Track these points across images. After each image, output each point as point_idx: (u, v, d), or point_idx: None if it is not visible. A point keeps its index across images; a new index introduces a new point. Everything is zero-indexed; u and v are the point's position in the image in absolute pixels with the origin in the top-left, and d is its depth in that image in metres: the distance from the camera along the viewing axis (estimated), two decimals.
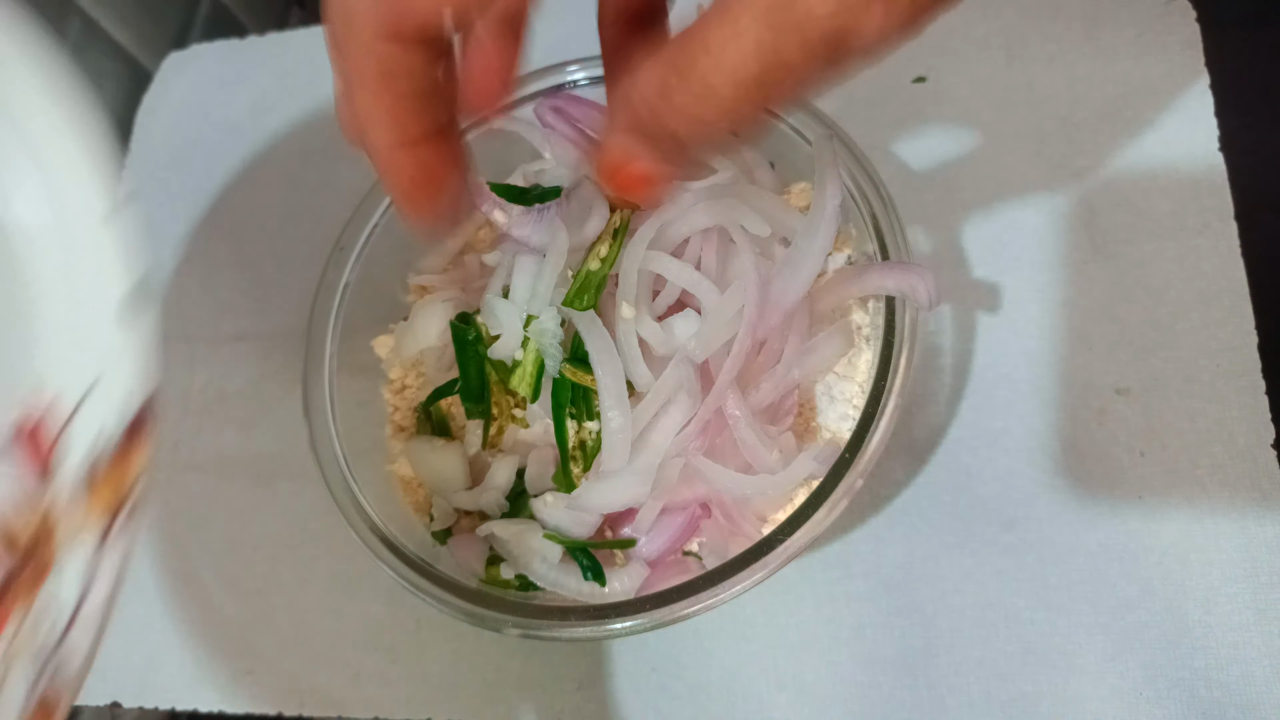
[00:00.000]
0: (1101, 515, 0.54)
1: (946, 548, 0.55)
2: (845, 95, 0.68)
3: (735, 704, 0.55)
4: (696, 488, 0.51)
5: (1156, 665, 0.50)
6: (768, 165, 0.58)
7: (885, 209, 0.52)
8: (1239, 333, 0.55)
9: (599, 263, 0.50)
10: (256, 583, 0.65)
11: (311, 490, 0.63)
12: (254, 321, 0.74)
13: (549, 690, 0.58)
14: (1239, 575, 0.51)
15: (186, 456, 0.71)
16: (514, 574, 0.54)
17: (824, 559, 0.57)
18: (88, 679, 0.65)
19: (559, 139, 0.58)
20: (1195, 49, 0.61)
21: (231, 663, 0.63)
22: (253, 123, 0.82)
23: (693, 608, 0.46)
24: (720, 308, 0.48)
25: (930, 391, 0.59)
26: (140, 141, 0.84)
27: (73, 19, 0.81)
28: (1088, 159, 0.61)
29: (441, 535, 0.57)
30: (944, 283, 0.60)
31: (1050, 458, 0.55)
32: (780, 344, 0.52)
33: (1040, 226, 0.60)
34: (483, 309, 0.54)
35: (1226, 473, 0.53)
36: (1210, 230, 0.57)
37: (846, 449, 0.47)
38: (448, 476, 0.56)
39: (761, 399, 0.51)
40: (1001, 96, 0.64)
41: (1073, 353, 0.57)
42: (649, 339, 0.49)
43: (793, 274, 0.49)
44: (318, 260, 0.60)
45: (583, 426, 0.51)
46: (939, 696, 0.52)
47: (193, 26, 0.93)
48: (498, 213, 0.55)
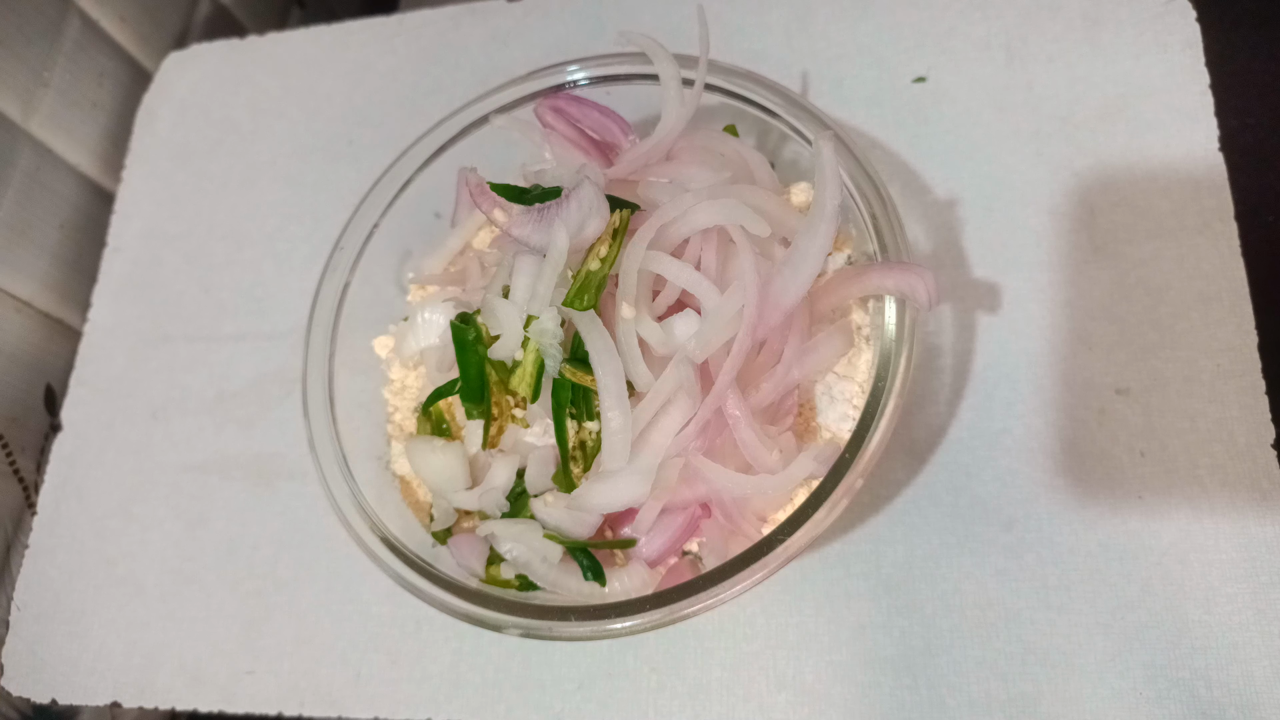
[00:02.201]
0: (1101, 515, 0.54)
1: (946, 548, 0.55)
2: (845, 95, 0.68)
3: (735, 704, 0.55)
4: (696, 488, 0.51)
5: (1156, 665, 0.50)
6: (768, 165, 0.58)
7: (885, 209, 0.52)
8: (1239, 333, 0.55)
9: (599, 263, 0.50)
10: (256, 583, 0.65)
11: (311, 490, 0.63)
12: (254, 321, 0.74)
13: (549, 690, 0.58)
14: (1239, 575, 0.51)
15: (186, 456, 0.71)
16: (514, 574, 0.54)
17: (824, 559, 0.57)
18: (88, 679, 0.66)
19: (559, 139, 0.58)
20: (1195, 49, 0.61)
21: (231, 663, 0.63)
22: (253, 123, 0.82)
23: (693, 608, 0.46)
24: (720, 308, 0.48)
25: (930, 391, 0.59)
26: (140, 141, 0.84)
27: (73, 19, 0.81)
28: (1088, 159, 0.61)
29: (441, 535, 0.57)
30: (944, 283, 0.60)
31: (1050, 458, 0.55)
32: (780, 344, 0.52)
33: (1040, 226, 0.60)
34: (483, 309, 0.54)
35: (1226, 473, 0.53)
36: (1210, 230, 0.57)
37: (846, 449, 0.47)
38: (448, 476, 0.56)
39: (761, 399, 0.51)
40: (1001, 96, 0.64)
41: (1073, 353, 0.57)
42: (649, 339, 0.49)
43: (793, 274, 0.49)
44: (318, 260, 0.60)
45: (583, 426, 0.51)
46: (939, 696, 0.52)
47: (193, 26, 0.93)
48: (498, 212, 0.55)
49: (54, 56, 0.79)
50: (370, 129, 0.78)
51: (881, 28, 0.69)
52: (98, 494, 0.71)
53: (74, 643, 0.67)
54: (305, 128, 0.80)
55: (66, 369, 0.77)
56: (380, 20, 0.83)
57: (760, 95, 0.56)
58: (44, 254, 0.79)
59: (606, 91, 0.60)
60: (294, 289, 0.74)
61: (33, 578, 0.70)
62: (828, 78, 0.69)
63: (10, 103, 0.75)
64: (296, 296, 0.73)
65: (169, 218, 0.80)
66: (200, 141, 0.83)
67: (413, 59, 0.80)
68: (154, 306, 0.77)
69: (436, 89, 0.78)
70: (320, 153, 0.79)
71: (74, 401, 0.75)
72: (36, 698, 0.66)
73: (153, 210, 0.81)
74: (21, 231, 0.76)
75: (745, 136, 0.61)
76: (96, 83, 0.84)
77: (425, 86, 0.78)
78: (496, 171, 0.56)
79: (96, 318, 0.78)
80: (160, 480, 0.70)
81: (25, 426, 0.76)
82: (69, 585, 0.69)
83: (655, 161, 0.56)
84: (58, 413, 0.76)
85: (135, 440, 0.72)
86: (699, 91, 0.55)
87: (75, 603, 0.68)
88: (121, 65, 0.86)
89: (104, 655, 0.66)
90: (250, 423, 0.71)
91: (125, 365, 0.75)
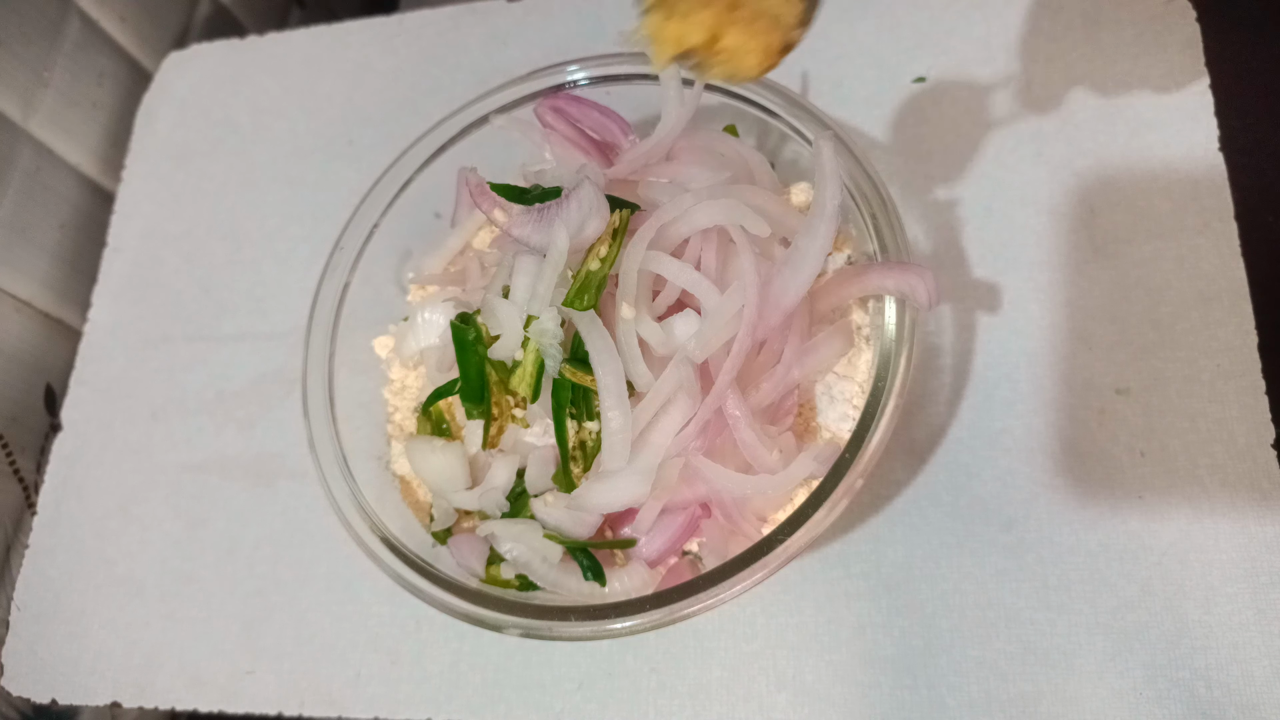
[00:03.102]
0: (1101, 515, 0.54)
1: (946, 548, 0.55)
2: (845, 95, 0.68)
3: (735, 704, 0.55)
4: (696, 488, 0.51)
5: (1156, 665, 0.50)
6: (768, 165, 0.58)
7: (885, 209, 0.52)
8: (1239, 333, 0.55)
9: (599, 263, 0.50)
10: (256, 583, 0.65)
11: (311, 490, 0.63)
12: (254, 321, 0.74)
13: (549, 690, 0.58)
14: (1239, 575, 0.51)
15: (186, 456, 0.71)
16: (514, 574, 0.54)
17: (824, 559, 0.57)
18: (88, 679, 0.66)
19: (559, 139, 0.58)
20: (1195, 49, 0.61)
21: (231, 663, 0.63)
22: (253, 123, 0.82)
23: (693, 608, 0.46)
24: (720, 308, 0.48)
25: (930, 391, 0.59)
26: (140, 141, 0.84)
27: (73, 19, 0.81)
28: (1088, 159, 0.61)
29: (441, 535, 0.57)
30: (944, 283, 0.60)
31: (1050, 458, 0.55)
32: (780, 344, 0.52)
33: (1040, 226, 0.60)
34: (483, 309, 0.54)
35: (1226, 473, 0.53)
36: (1210, 230, 0.57)
37: (846, 449, 0.47)
38: (448, 476, 0.56)
39: (761, 399, 0.51)
40: (1001, 96, 0.64)
41: (1073, 353, 0.57)
42: (649, 339, 0.49)
43: (793, 274, 0.49)
44: (318, 260, 0.60)
45: (583, 426, 0.51)
46: (939, 696, 0.52)
47: (193, 26, 0.93)
48: (498, 213, 0.55)
49: (54, 56, 0.79)
50: (370, 129, 0.78)
51: (881, 28, 0.69)
52: (98, 494, 0.71)
53: (74, 643, 0.67)
54: (305, 128, 0.80)
55: (66, 369, 0.77)
56: (380, 20, 0.83)
57: (760, 95, 0.56)
58: (44, 254, 0.79)
59: (606, 91, 0.60)
60: (294, 289, 0.74)
61: (33, 578, 0.70)
62: (828, 78, 0.68)
63: (10, 103, 0.75)
64: (296, 296, 0.73)
65: (169, 218, 0.80)
66: (200, 141, 0.83)
67: (413, 59, 0.80)
68: (154, 306, 0.77)
69: (436, 89, 0.78)
70: (320, 153, 0.79)
71: (74, 401, 0.75)
72: (36, 698, 0.66)
73: (153, 210, 0.81)
74: (21, 231, 0.76)
75: (745, 136, 0.61)
76: (96, 83, 0.84)
77: (425, 86, 0.78)
78: (496, 171, 0.56)
79: (96, 318, 0.78)
80: (160, 480, 0.70)
81: (25, 426, 0.76)
82: (69, 585, 0.69)
83: (655, 161, 0.56)
84: (58, 413, 0.76)
85: (135, 440, 0.72)
86: (699, 91, 0.55)
87: (75, 603, 0.68)
88: (121, 65, 0.86)
89: (104, 655, 0.66)
90: (250, 423, 0.71)
91: (125, 365, 0.75)
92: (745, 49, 0.39)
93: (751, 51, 0.39)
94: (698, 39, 0.38)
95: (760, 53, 0.39)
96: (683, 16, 0.38)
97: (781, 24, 0.39)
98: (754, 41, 0.39)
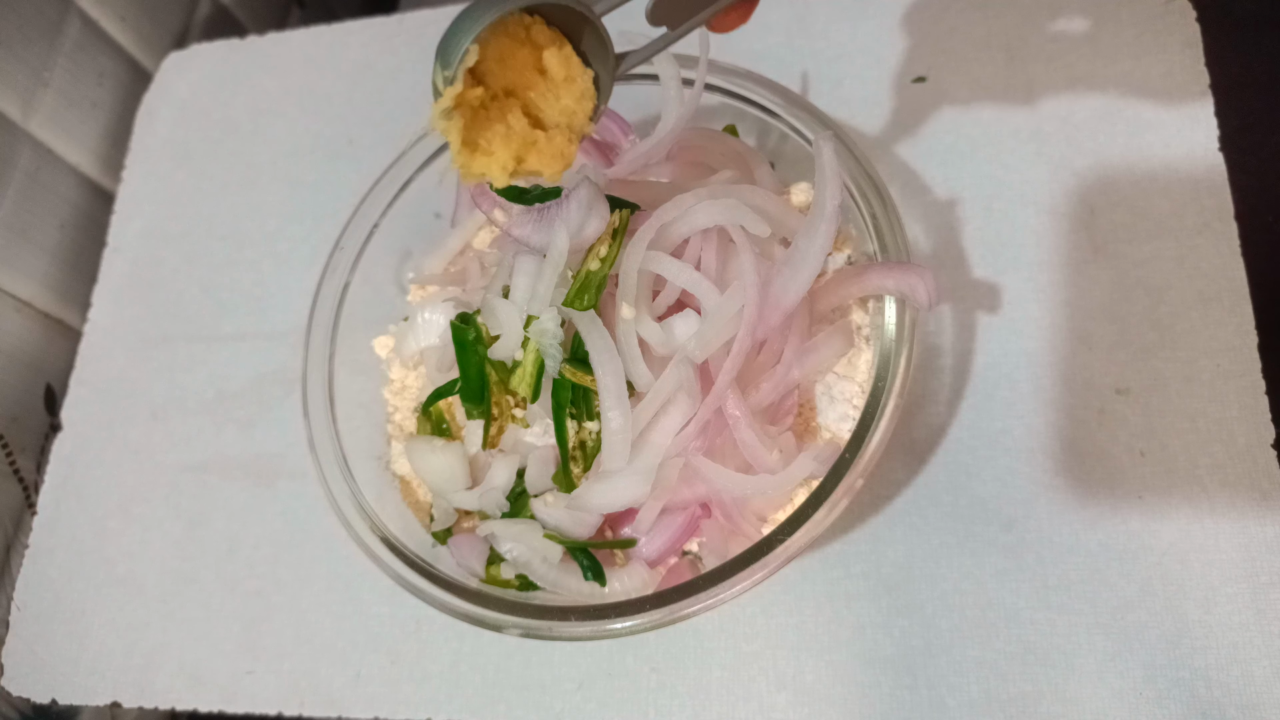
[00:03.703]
0: (1101, 515, 0.54)
1: (946, 548, 0.55)
2: (845, 95, 0.68)
3: (735, 704, 0.55)
4: (696, 488, 0.51)
5: (1156, 665, 0.50)
6: (768, 165, 0.58)
7: (885, 209, 0.52)
8: (1239, 333, 0.55)
9: (599, 263, 0.50)
10: (256, 583, 0.65)
11: (311, 490, 0.63)
12: (254, 321, 0.74)
13: (549, 690, 0.58)
14: (1239, 575, 0.51)
15: (186, 456, 0.71)
16: (514, 574, 0.54)
17: (824, 559, 0.57)
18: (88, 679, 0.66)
19: None
20: (1195, 49, 0.61)
21: (231, 663, 0.63)
22: (252, 123, 0.82)
23: (693, 608, 0.46)
24: (720, 308, 0.48)
25: (930, 391, 0.59)
26: (140, 141, 0.84)
27: (73, 19, 0.81)
28: (1088, 159, 0.61)
29: (441, 535, 0.57)
30: (944, 283, 0.60)
31: (1050, 458, 0.55)
32: (780, 344, 0.52)
33: (1040, 226, 0.60)
34: (483, 309, 0.54)
35: (1226, 473, 0.53)
36: (1210, 230, 0.57)
37: (846, 449, 0.47)
38: (448, 476, 0.56)
39: (761, 399, 0.51)
40: (1001, 96, 0.64)
41: (1073, 353, 0.57)
42: (649, 339, 0.49)
43: (793, 274, 0.49)
44: (318, 260, 0.60)
45: (583, 426, 0.51)
46: (939, 696, 0.52)
47: (193, 26, 0.93)
48: (498, 212, 0.55)
49: (54, 56, 0.79)
50: (370, 129, 0.78)
51: (881, 28, 0.69)
52: (98, 494, 0.71)
53: (74, 643, 0.67)
54: (305, 128, 0.80)
55: (66, 369, 0.77)
56: (380, 20, 0.83)
57: (760, 95, 0.56)
58: (44, 254, 0.79)
59: None
60: (294, 289, 0.74)
61: (33, 578, 0.70)
62: (828, 78, 0.69)
63: (10, 103, 0.75)
64: (296, 296, 0.73)
65: (169, 218, 0.80)
66: (200, 141, 0.83)
67: (413, 59, 0.80)
68: (154, 306, 0.77)
69: None
70: (320, 153, 0.78)
71: (74, 401, 0.75)
72: (36, 698, 0.66)
73: (153, 210, 0.81)
74: (21, 231, 0.76)
75: (745, 136, 0.61)
76: (96, 83, 0.84)
77: (425, 86, 0.77)
78: None
79: (96, 318, 0.78)
80: (160, 480, 0.70)
81: (25, 426, 0.76)
82: (69, 585, 0.69)
83: (655, 161, 0.56)
84: (58, 413, 0.76)
85: (135, 440, 0.72)
86: (699, 91, 0.55)
87: (75, 603, 0.68)
88: (121, 65, 0.86)
89: (104, 655, 0.66)
90: (250, 423, 0.71)
91: (125, 365, 0.75)
92: (545, 165, 0.41)
93: (551, 163, 0.41)
94: (500, 174, 0.41)
95: (560, 161, 0.42)
96: (485, 154, 0.40)
97: (575, 127, 0.42)
98: (553, 155, 0.42)
